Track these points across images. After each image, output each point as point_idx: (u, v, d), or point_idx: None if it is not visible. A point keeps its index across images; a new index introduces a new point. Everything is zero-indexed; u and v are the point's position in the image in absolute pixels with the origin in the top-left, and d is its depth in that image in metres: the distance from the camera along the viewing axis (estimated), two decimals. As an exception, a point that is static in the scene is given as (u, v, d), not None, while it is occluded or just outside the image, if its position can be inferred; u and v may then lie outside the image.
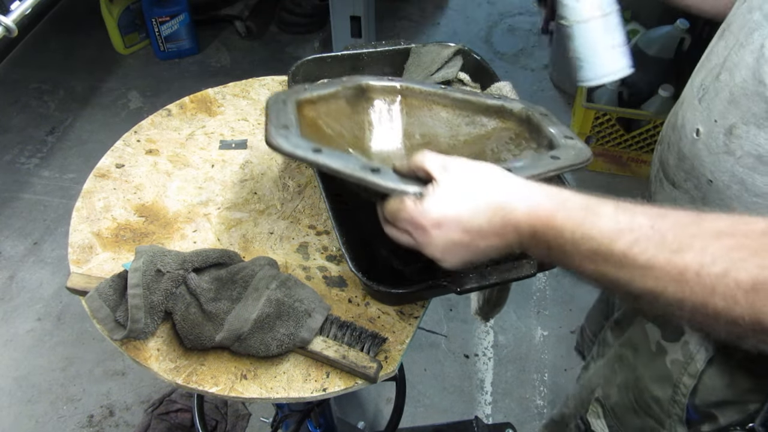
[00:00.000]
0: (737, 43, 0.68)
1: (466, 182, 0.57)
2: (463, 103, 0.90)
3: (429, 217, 0.57)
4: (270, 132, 0.68)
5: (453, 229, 0.56)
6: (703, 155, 0.72)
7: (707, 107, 0.72)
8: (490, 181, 0.57)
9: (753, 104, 0.64)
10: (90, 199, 0.94)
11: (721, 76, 0.70)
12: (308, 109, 0.80)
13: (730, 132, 0.67)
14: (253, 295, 0.73)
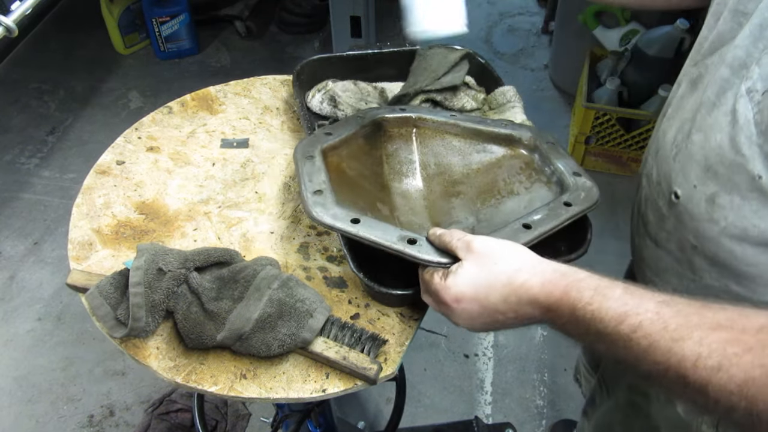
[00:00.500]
0: (709, 101, 0.65)
1: (486, 262, 0.62)
2: (474, 132, 0.94)
3: (450, 294, 0.62)
4: (307, 202, 0.74)
5: (472, 305, 0.61)
6: (684, 219, 0.70)
7: (683, 169, 0.69)
8: (508, 261, 0.61)
9: (734, 174, 0.62)
10: (90, 196, 0.94)
11: (693, 136, 0.67)
12: (332, 155, 0.86)
13: (712, 201, 0.65)
14: (254, 294, 0.73)
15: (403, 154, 0.95)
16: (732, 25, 0.64)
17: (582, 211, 0.77)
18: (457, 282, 0.62)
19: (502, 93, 1.06)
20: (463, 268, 0.62)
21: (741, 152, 0.60)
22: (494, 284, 0.60)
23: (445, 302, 0.63)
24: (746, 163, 0.59)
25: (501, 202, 0.89)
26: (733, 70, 0.62)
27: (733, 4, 0.65)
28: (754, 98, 0.58)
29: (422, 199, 0.92)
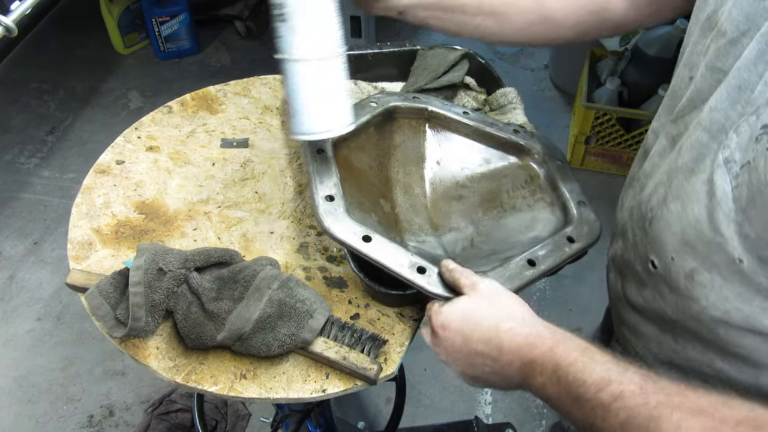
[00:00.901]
0: (687, 167, 0.60)
1: (482, 301, 0.62)
2: (484, 134, 0.94)
3: (438, 319, 0.63)
4: (318, 209, 0.74)
5: (455, 336, 0.61)
6: (663, 292, 0.66)
7: (659, 237, 0.64)
8: (501, 306, 0.61)
9: (713, 253, 0.57)
10: (90, 195, 0.94)
11: (670, 204, 0.62)
12: (341, 147, 0.85)
13: (692, 277, 0.60)
14: (254, 295, 0.73)
15: (411, 146, 0.94)
16: (711, 82, 0.60)
17: (584, 248, 0.78)
18: (449, 310, 0.63)
19: (504, 94, 1.06)
20: (460, 300, 0.63)
21: (719, 231, 0.55)
22: (481, 323, 0.60)
23: (434, 326, 0.64)
24: (725, 243, 0.55)
25: (502, 215, 0.89)
26: (711, 134, 0.57)
27: (710, 59, 0.60)
28: (732, 170, 0.53)
29: (423, 197, 0.92)
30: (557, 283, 2.01)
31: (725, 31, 0.57)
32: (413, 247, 0.84)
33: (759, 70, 0.53)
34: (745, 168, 0.52)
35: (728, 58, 0.57)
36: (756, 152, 0.50)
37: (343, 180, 0.79)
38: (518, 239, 0.84)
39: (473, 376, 0.63)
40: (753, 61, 0.53)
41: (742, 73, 0.55)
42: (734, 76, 0.55)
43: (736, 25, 0.56)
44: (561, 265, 0.76)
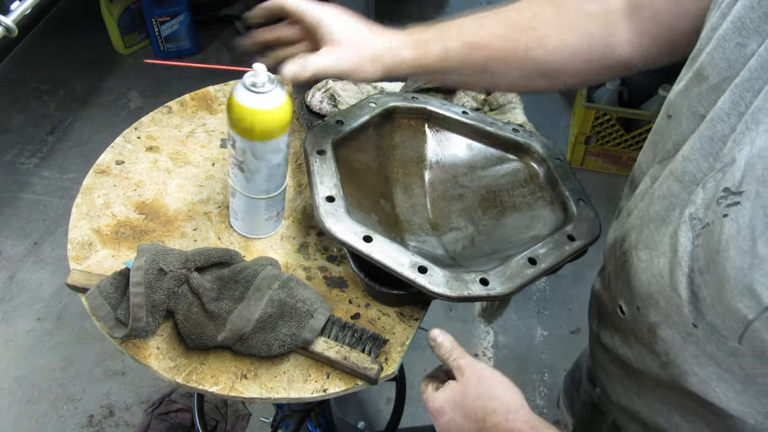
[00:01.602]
0: (658, 216, 0.58)
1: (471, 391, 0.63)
2: (484, 134, 0.94)
3: (434, 405, 0.65)
4: (319, 209, 0.75)
5: (449, 424, 0.64)
6: (630, 340, 0.64)
7: (628, 284, 0.62)
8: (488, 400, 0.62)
9: (672, 312, 0.54)
10: (90, 196, 0.94)
11: (640, 252, 0.60)
12: (341, 147, 0.86)
13: (654, 331, 0.58)
14: (255, 295, 0.73)
15: (410, 146, 0.94)
16: (693, 127, 0.56)
17: (585, 246, 0.78)
18: (442, 398, 0.65)
19: (503, 93, 1.06)
20: (450, 389, 0.65)
21: (677, 290, 0.52)
22: (471, 416, 0.62)
23: (430, 411, 0.66)
24: (681, 305, 0.52)
25: (502, 214, 0.89)
26: (683, 185, 0.54)
27: (693, 104, 0.57)
28: (695, 227, 0.51)
29: (423, 197, 0.92)
30: (557, 283, 2.02)
31: (707, 75, 0.54)
32: (414, 246, 0.84)
33: (732, 122, 0.50)
34: (705, 229, 0.49)
35: (709, 104, 0.54)
36: (715, 215, 0.48)
37: (343, 180, 0.79)
38: (518, 238, 0.84)
39: None
40: (726, 112, 0.51)
41: (715, 123, 0.52)
42: (707, 126, 0.53)
43: (718, 71, 0.53)
44: (561, 264, 0.76)
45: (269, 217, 0.87)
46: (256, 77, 0.72)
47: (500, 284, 0.72)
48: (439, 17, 2.93)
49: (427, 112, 0.94)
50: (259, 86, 0.72)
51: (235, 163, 0.79)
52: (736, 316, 0.46)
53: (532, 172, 0.91)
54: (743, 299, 0.45)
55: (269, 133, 0.74)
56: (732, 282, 0.46)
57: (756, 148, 0.46)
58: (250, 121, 0.72)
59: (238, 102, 0.72)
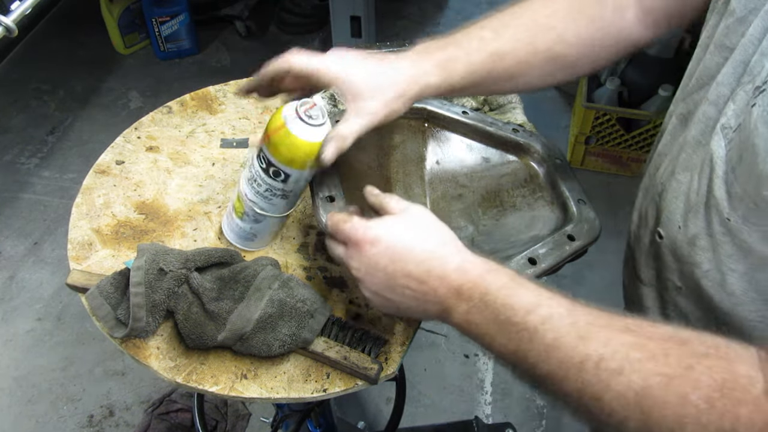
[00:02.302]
0: (694, 140, 0.62)
1: (420, 226, 0.60)
2: (484, 134, 0.93)
3: (368, 234, 0.59)
4: (319, 210, 0.74)
5: (383, 253, 0.58)
6: (668, 260, 0.67)
7: (667, 208, 0.66)
8: (437, 234, 0.60)
9: (711, 216, 0.58)
10: (90, 196, 0.94)
11: (678, 175, 0.64)
12: None
13: (694, 243, 0.61)
14: (255, 295, 0.73)
15: (410, 146, 0.95)
16: (718, 59, 0.61)
17: (584, 246, 0.78)
18: (381, 226, 0.60)
19: (503, 93, 1.06)
20: (392, 219, 0.61)
21: (713, 193, 0.57)
22: (415, 246, 0.58)
23: (358, 241, 0.59)
24: (717, 204, 0.57)
25: (502, 214, 0.89)
26: (717, 107, 0.59)
27: (718, 37, 0.61)
28: (727, 135, 0.55)
29: (423, 197, 0.92)
30: (557, 283, 2.01)
31: (734, 9, 0.58)
32: (413, 246, 0.84)
33: (764, 45, 0.54)
34: (737, 131, 0.53)
35: (735, 35, 0.58)
36: (745, 113, 0.52)
37: (343, 180, 0.79)
38: (518, 238, 0.84)
39: (386, 299, 0.60)
40: (757, 37, 0.55)
41: (746, 48, 0.56)
42: (739, 51, 0.57)
43: (745, 4, 0.57)
44: (561, 264, 0.76)
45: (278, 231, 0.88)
46: (315, 110, 0.69)
47: None
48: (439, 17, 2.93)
49: (427, 112, 0.94)
50: (315, 118, 0.69)
51: (276, 193, 0.76)
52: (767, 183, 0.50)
53: (532, 172, 0.91)
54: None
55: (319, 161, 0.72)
56: (762, 154, 0.49)
57: None
58: (310, 154, 0.70)
59: (297, 137, 0.69)
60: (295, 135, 0.69)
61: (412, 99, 0.71)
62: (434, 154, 0.95)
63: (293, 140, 0.69)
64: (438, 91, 0.72)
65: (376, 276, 0.59)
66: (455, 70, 0.71)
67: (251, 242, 0.86)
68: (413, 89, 0.70)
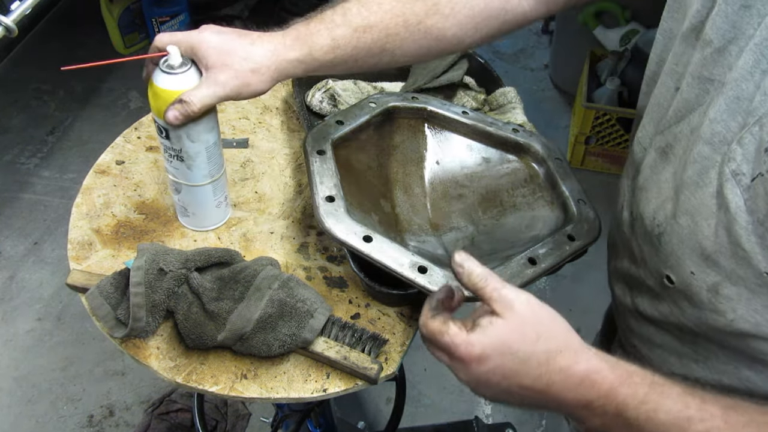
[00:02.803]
0: (692, 181, 0.58)
1: (528, 332, 0.52)
2: (484, 133, 0.94)
3: (473, 351, 0.52)
4: (319, 209, 0.74)
5: (494, 371, 0.52)
6: (683, 306, 0.62)
7: (674, 253, 0.61)
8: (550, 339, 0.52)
9: (738, 267, 0.54)
10: (90, 196, 0.94)
11: (680, 219, 0.60)
12: (342, 148, 0.85)
13: (716, 291, 0.57)
14: (255, 294, 0.73)
15: (410, 146, 0.95)
16: (698, 91, 0.59)
17: (585, 246, 0.78)
18: (485, 342, 0.52)
19: (503, 94, 1.06)
20: (496, 328, 0.52)
21: (740, 245, 0.53)
22: (529, 361, 0.51)
23: (462, 359, 0.53)
24: (748, 257, 0.52)
25: (502, 214, 0.89)
26: (713, 146, 0.56)
27: (695, 69, 0.59)
28: (741, 183, 0.52)
29: (423, 197, 0.92)
30: (557, 283, 2.01)
31: (710, 40, 0.56)
32: (414, 246, 0.84)
33: (756, 79, 0.52)
34: (758, 180, 0.50)
35: (716, 66, 0.56)
36: (765, 164, 0.49)
37: (343, 180, 0.79)
38: (518, 238, 0.84)
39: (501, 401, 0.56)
40: (749, 71, 0.53)
41: (739, 83, 0.53)
42: (731, 87, 0.54)
43: (722, 33, 0.55)
44: (561, 264, 0.76)
45: (219, 203, 0.87)
46: (172, 59, 0.72)
47: None
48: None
49: (427, 112, 0.94)
50: (177, 67, 0.72)
51: (172, 154, 0.79)
52: None
53: (532, 172, 0.91)
54: None
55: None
56: None
57: None
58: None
59: (162, 88, 0.72)
60: (157, 85, 0.72)
61: (274, 75, 0.71)
62: (434, 154, 0.95)
63: (155, 90, 0.73)
64: (303, 66, 0.71)
65: (489, 388, 0.54)
66: (317, 44, 0.69)
67: (188, 218, 0.89)
68: (273, 66, 0.69)
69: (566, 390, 0.50)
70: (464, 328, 0.53)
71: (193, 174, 0.81)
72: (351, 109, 0.90)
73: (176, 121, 0.70)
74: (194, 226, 0.90)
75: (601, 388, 0.49)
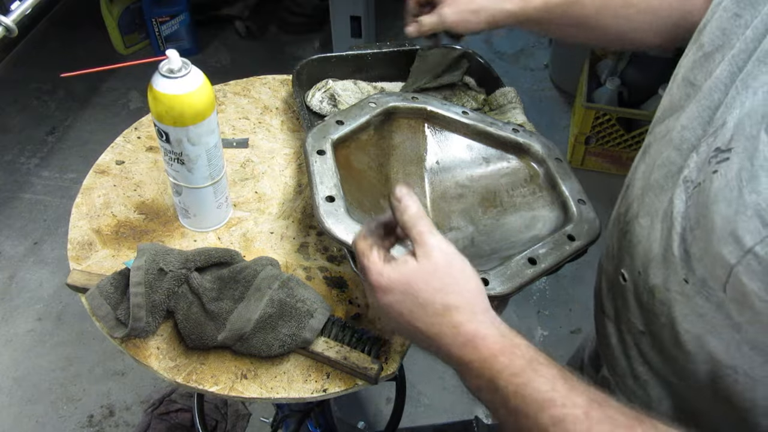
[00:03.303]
0: (657, 184, 0.59)
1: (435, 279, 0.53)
2: (484, 134, 0.94)
3: (380, 281, 0.54)
4: (319, 209, 0.74)
5: (393, 306, 0.54)
6: (630, 304, 0.64)
7: (629, 251, 0.63)
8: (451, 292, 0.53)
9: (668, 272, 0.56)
10: (90, 196, 0.94)
11: (641, 219, 0.61)
12: (342, 148, 0.86)
13: (653, 294, 0.59)
14: (255, 295, 0.73)
15: (410, 146, 0.95)
16: (681, 94, 0.60)
17: (584, 246, 0.78)
18: (393, 277, 0.54)
19: (503, 94, 1.06)
20: (407, 267, 0.54)
21: (671, 249, 0.55)
22: (426, 305, 0.53)
23: (371, 284, 0.55)
24: (676, 262, 0.54)
25: (502, 214, 0.89)
26: (681, 153, 0.57)
27: (685, 71, 0.60)
28: (688, 189, 0.53)
29: (423, 197, 0.92)
30: (557, 283, 2.01)
31: (703, 44, 0.58)
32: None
33: (724, 91, 0.53)
34: (697, 189, 0.52)
35: (700, 72, 0.58)
36: (706, 174, 0.51)
37: (343, 180, 0.79)
38: (518, 238, 0.84)
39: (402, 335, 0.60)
40: (724, 82, 0.53)
41: (712, 93, 0.54)
42: (705, 95, 0.55)
43: (712, 39, 0.56)
44: (561, 264, 0.76)
45: (219, 204, 0.88)
46: (171, 63, 0.73)
47: (500, 284, 0.72)
48: (439, 17, 2.80)
49: (427, 112, 0.94)
50: (177, 71, 0.73)
51: (173, 157, 0.79)
52: (721, 263, 0.48)
53: (532, 172, 0.91)
54: (727, 245, 0.48)
55: (201, 114, 0.76)
56: (719, 232, 0.48)
57: (745, 109, 0.50)
58: (180, 107, 0.73)
59: (162, 92, 0.73)
60: (157, 89, 0.73)
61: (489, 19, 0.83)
62: (434, 154, 0.95)
63: (156, 94, 0.74)
64: (514, 19, 0.81)
65: (390, 320, 0.57)
66: (532, 2, 0.80)
67: (189, 219, 0.89)
68: (490, 11, 0.81)
69: (452, 345, 0.52)
70: (382, 259, 0.55)
71: (194, 176, 0.81)
72: (351, 109, 0.90)
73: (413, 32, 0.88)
74: (195, 227, 0.90)
75: (482, 353, 0.51)
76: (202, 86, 0.75)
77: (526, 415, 0.47)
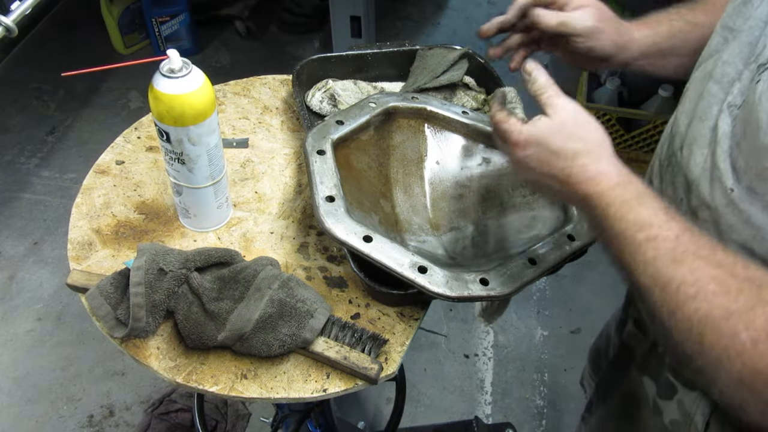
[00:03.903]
0: (697, 115, 0.65)
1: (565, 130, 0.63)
2: (483, 134, 0.93)
3: (519, 138, 0.64)
4: (319, 209, 0.74)
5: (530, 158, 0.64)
6: None
7: (672, 182, 0.69)
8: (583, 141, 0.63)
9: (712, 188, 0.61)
10: (90, 196, 0.94)
11: (684, 149, 0.67)
12: (342, 148, 0.86)
13: (696, 214, 0.64)
14: (255, 295, 0.73)
15: (410, 146, 0.95)
16: (719, 39, 0.65)
17: (585, 246, 0.79)
18: (531, 131, 0.64)
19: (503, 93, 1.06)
20: (541, 122, 0.64)
21: (717, 165, 0.60)
22: (559, 153, 0.62)
23: (511, 143, 0.65)
24: (721, 175, 0.60)
25: (502, 214, 0.89)
26: (721, 86, 0.62)
27: (724, 19, 0.65)
28: (732, 112, 0.59)
29: (423, 197, 0.92)
30: (557, 283, 2.01)
31: None
32: (413, 246, 0.84)
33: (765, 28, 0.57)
34: (742, 108, 0.57)
35: (739, 17, 0.62)
36: (750, 90, 0.56)
37: (343, 180, 0.79)
38: (518, 238, 0.84)
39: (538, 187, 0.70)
40: (764, 20, 0.58)
41: (753, 31, 0.59)
42: (746, 34, 0.60)
43: None
44: (561, 264, 0.76)
45: (220, 204, 0.88)
46: (172, 63, 0.74)
47: (500, 284, 0.72)
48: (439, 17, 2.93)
49: (427, 112, 0.94)
50: (178, 71, 0.74)
51: (173, 157, 0.79)
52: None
53: None
54: None
55: (201, 114, 0.76)
56: (765, 127, 0.53)
57: None
58: (180, 107, 0.74)
59: (163, 92, 0.73)
60: (157, 89, 0.74)
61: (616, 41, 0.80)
62: (434, 154, 0.95)
63: (156, 94, 0.74)
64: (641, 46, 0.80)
65: (526, 173, 0.66)
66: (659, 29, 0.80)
67: (189, 219, 0.89)
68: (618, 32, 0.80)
69: (579, 183, 0.60)
70: (521, 121, 0.65)
71: (195, 176, 0.82)
72: (351, 109, 0.90)
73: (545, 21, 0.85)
74: (196, 227, 0.90)
75: (601, 186, 0.59)
76: (203, 86, 0.75)
77: (626, 236, 0.55)
